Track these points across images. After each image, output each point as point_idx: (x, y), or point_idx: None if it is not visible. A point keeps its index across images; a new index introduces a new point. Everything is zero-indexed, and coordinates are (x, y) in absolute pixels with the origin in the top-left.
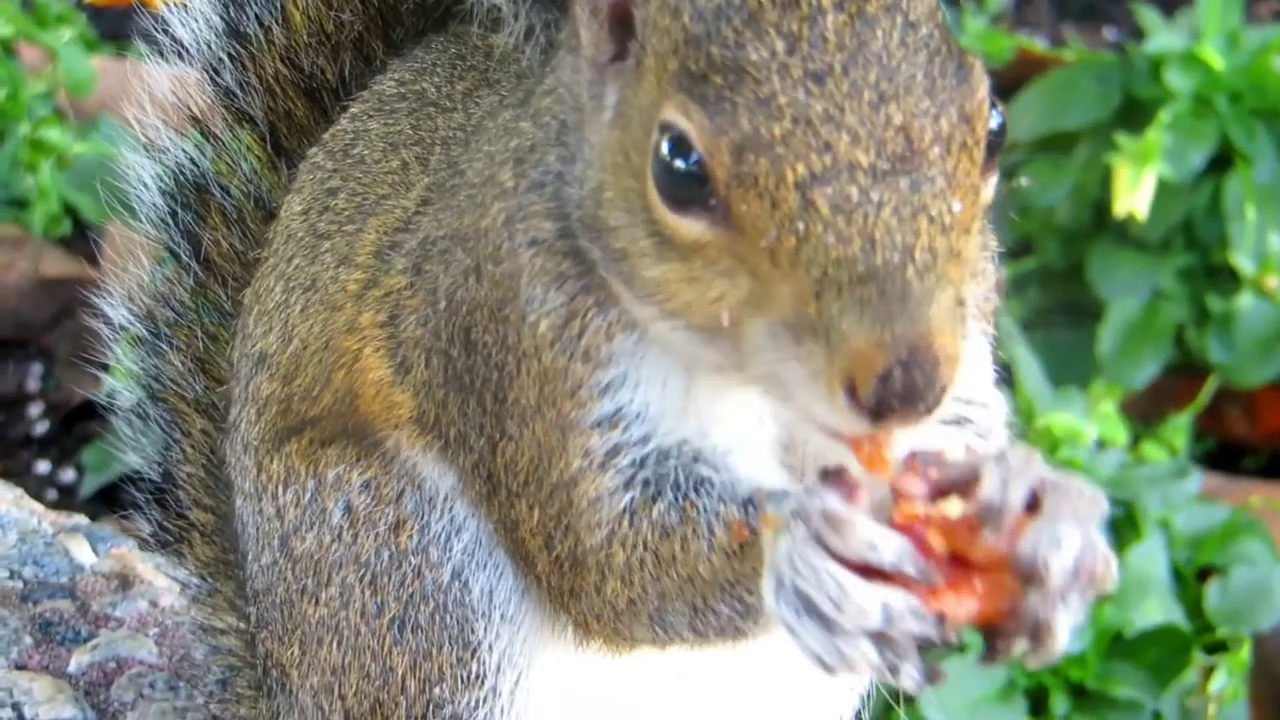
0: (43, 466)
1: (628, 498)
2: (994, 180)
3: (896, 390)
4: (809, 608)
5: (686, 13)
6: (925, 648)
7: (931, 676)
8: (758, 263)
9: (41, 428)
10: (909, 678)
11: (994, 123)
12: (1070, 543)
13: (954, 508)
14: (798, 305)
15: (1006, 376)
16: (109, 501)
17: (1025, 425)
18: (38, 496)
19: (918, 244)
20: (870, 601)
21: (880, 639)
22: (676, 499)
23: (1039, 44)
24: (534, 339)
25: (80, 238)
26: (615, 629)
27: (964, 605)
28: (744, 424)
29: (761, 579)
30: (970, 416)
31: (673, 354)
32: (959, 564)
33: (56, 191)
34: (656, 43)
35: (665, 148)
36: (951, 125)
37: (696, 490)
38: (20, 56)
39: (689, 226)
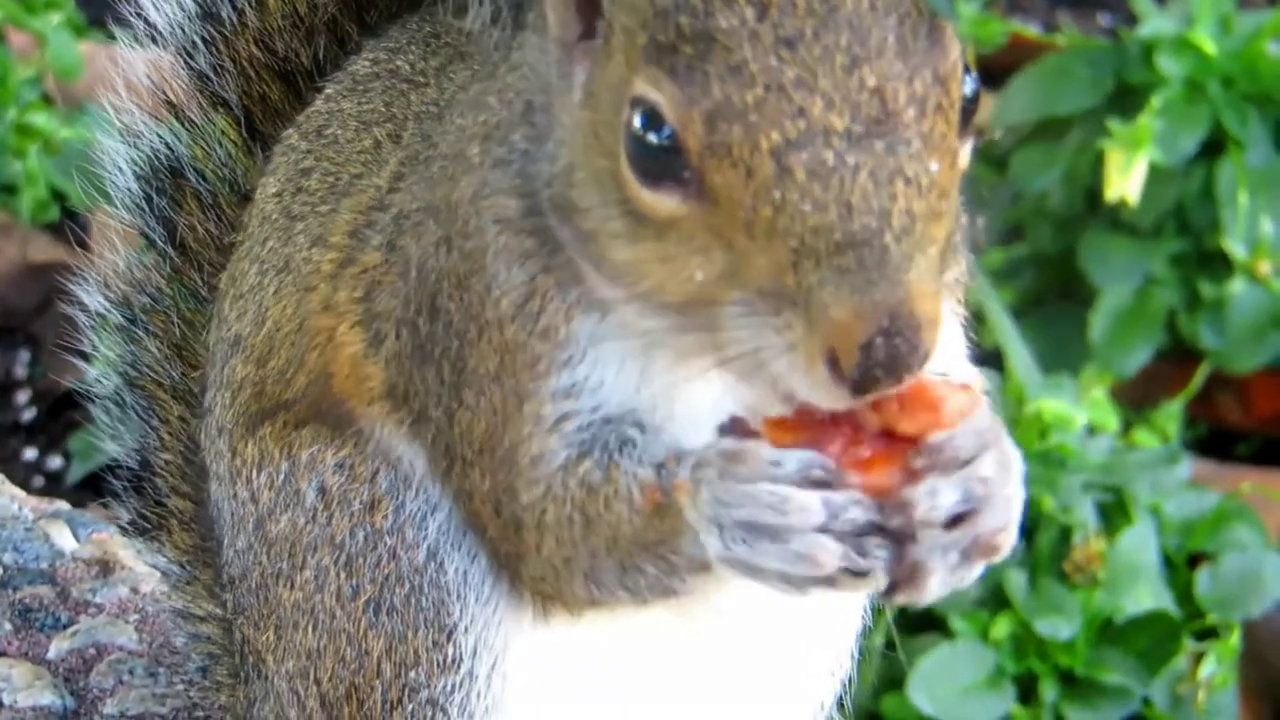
0: (30, 453)
1: (563, 456)
2: (969, 146)
3: (880, 359)
4: (755, 529)
5: None
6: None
7: (907, 573)
8: (733, 235)
9: (29, 415)
10: (880, 573)
11: (968, 88)
12: (945, 499)
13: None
14: (775, 277)
15: (997, 362)
16: (96, 488)
17: (1015, 411)
18: (25, 483)
19: (895, 208)
20: (809, 498)
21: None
22: (602, 459)
23: (1032, 30)
24: (496, 312)
25: (68, 224)
26: (558, 589)
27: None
28: (698, 402)
29: (683, 538)
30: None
31: (633, 335)
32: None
33: (44, 177)
34: (625, 18)
35: (638, 122)
36: (926, 87)
37: (620, 450)
38: (9, 41)
39: (663, 202)
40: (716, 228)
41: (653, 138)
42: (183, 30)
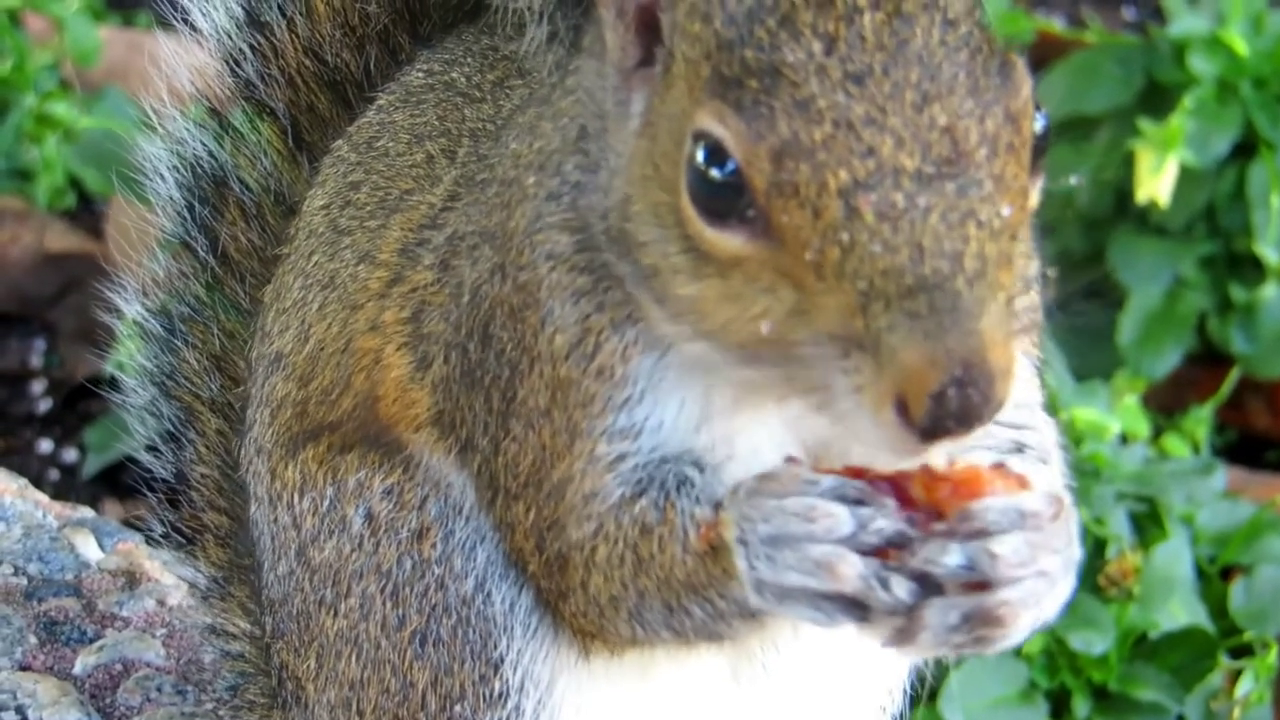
0: (45, 445)
1: (618, 494)
2: (1040, 185)
3: (951, 410)
4: (778, 540)
5: (718, 17)
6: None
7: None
8: (800, 276)
9: (44, 405)
10: (900, 589)
11: (1038, 126)
12: (948, 558)
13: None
14: (843, 319)
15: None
16: (113, 483)
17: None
18: (39, 477)
19: (967, 251)
20: (837, 507)
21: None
22: (659, 498)
23: (1056, 24)
24: (550, 348)
25: (85, 211)
26: (600, 626)
27: None
28: (760, 443)
29: (733, 582)
30: (1028, 442)
31: (694, 373)
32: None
33: (61, 164)
34: (686, 48)
35: (700, 157)
36: (997, 126)
37: (678, 489)
38: (26, 26)
39: (727, 240)
40: (783, 267)
41: (716, 173)
42: (230, 37)
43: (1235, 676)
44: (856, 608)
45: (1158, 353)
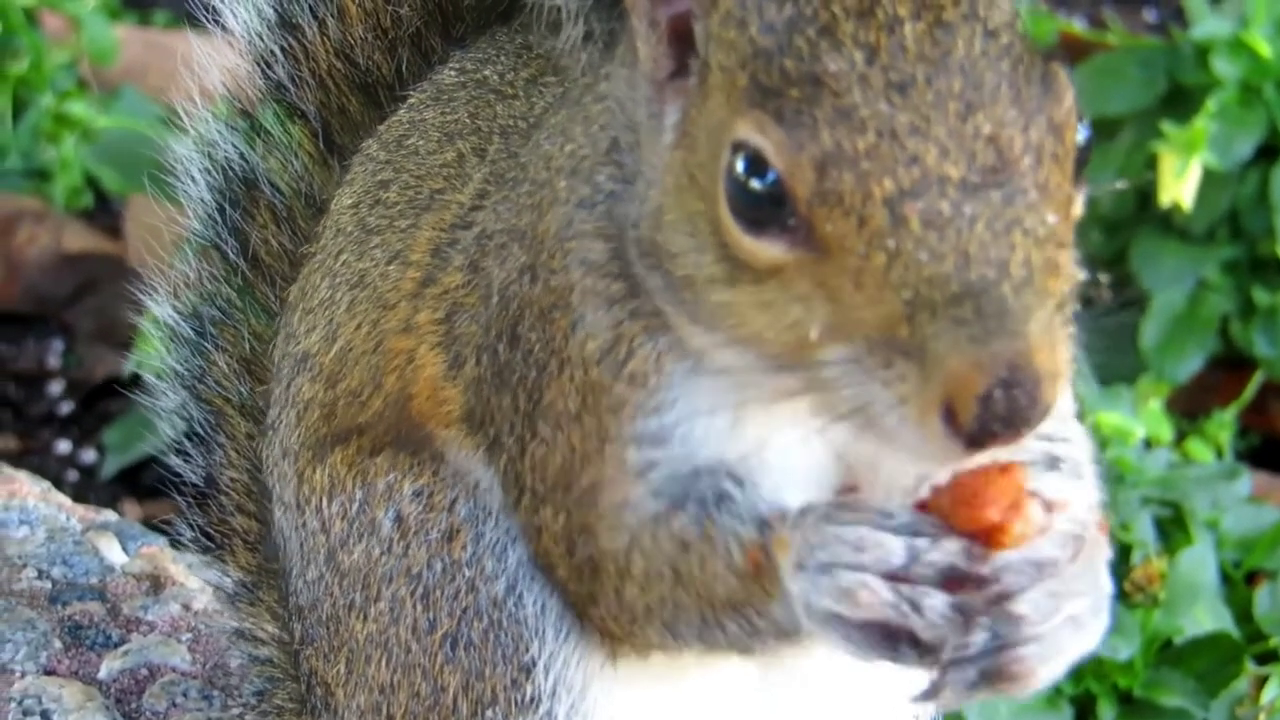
0: (64, 446)
1: (653, 507)
2: (1083, 195)
3: (999, 412)
4: (827, 567)
5: (754, 25)
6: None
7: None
8: (841, 284)
9: (63, 406)
10: (933, 612)
11: (1080, 136)
12: (975, 638)
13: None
14: (887, 327)
15: None
16: (132, 483)
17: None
18: (58, 478)
19: (1013, 258)
20: (890, 540)
21: (901, 580)
22: (699, 514)
23: (1077, 25)
24: (581, 353)
25: (102, 211)
26: (630, 632)
27: None
28: (792, 451)
29: (774, 602)
30: (1061, 456)
31: (725, 383)
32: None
33: (79, 164)
34: (723, 58)
35: (740, 167)
36: (1041, 135)
37: (719, 506)
38: (44, 25)
39: (766, 249)
40: (824, 276)
41: (756, 183)
42: (261, 39)
43: (1261, 682)
44: (888, 641)
45: (1180, 356)
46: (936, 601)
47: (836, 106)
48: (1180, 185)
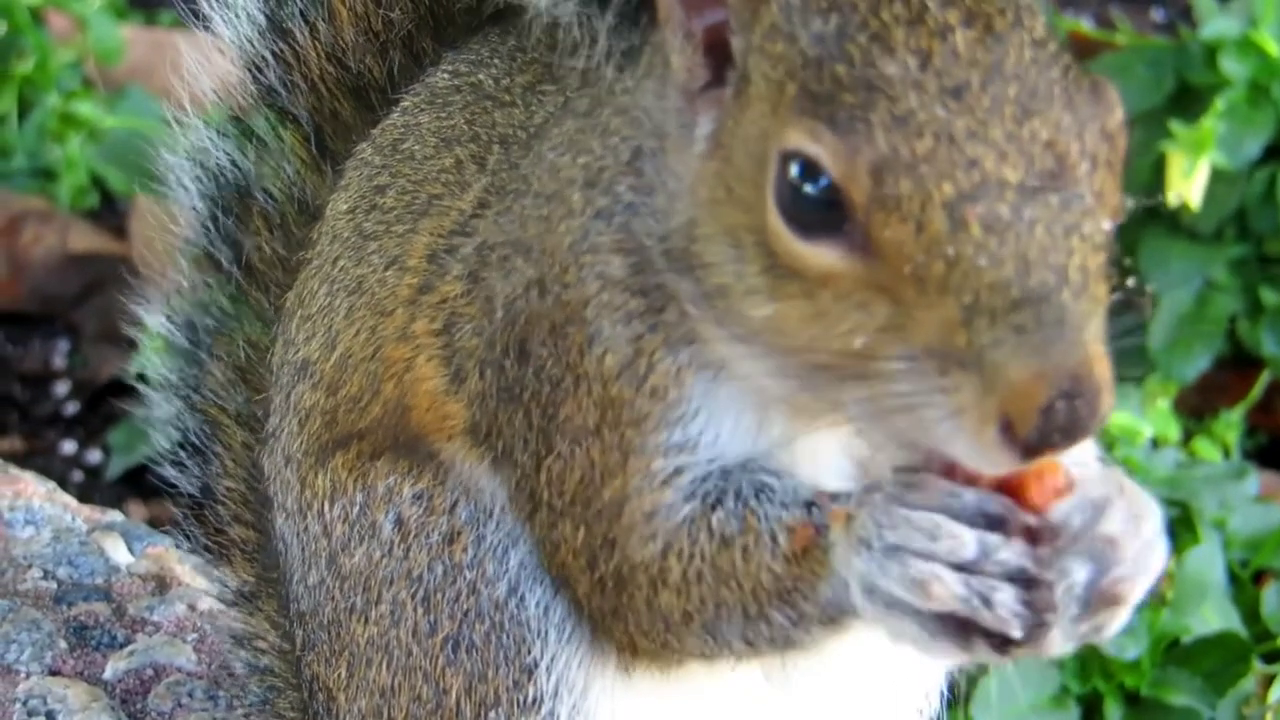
0: (69, 446)
1: (686, 509)
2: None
3: (1060, 424)
4: (896, 552)
5: (803, 37)
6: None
7: (1039, 610)
8: (899, 291)
9: (68, 407)
10: (1003, 607)
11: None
12: (1079, 575)
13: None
14: (944, 335)
15: None
16: (137, 484)
17: None
18: (63, 478)
19: (1071, 264)
20: (965, 531)
21: (970, 573)
22: (737, 507)
23: (1085, 25)
24: (599, 368)
25: (108, 211)
26: (665, 643)
27: None
28: (816, 454)
29: (822, 582)
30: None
31: (750, 393)
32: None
33: (84, 164)
34: (767, 68)
35: (792, 174)
36: (1095, 142)
37: (757, 497)
38: (49, 25)
39: (821, 256)
40: (879, 283)
41: (809, 190)
42: (252, 44)
43: (1268, 682)
44: (961, 631)
45: (1188, 356)
46: (1006, 596)
47: (892, 111)
48: (1188, 185)
